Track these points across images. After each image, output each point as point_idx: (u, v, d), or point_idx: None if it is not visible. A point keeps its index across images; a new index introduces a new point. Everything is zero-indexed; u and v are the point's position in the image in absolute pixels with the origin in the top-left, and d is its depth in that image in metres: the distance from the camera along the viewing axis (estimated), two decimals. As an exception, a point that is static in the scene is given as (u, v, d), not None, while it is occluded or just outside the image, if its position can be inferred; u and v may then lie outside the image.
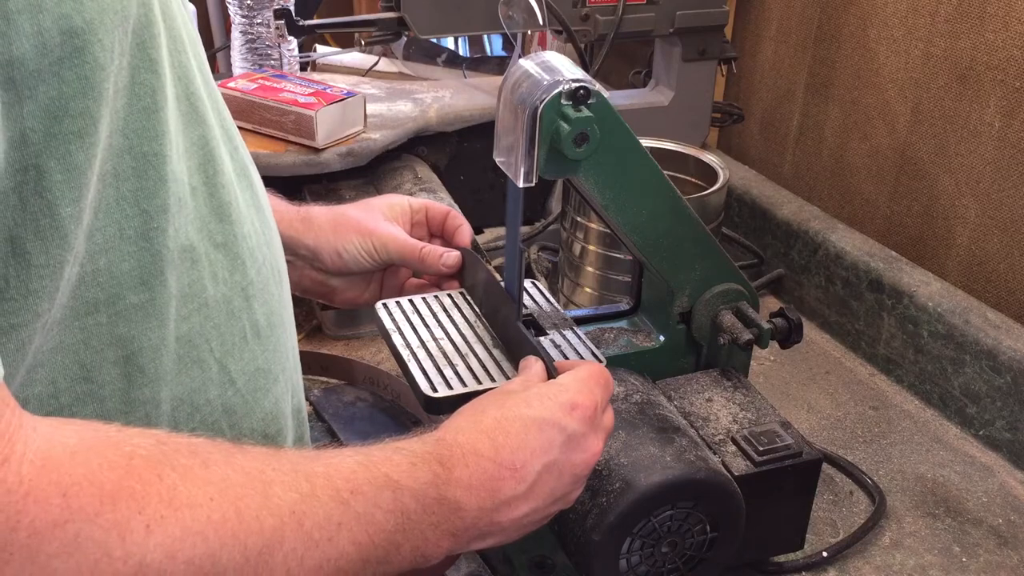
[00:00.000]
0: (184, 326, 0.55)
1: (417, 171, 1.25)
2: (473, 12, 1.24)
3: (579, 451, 0.64)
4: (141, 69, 0.50)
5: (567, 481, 0.64)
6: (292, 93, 1.20)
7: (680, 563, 0.76)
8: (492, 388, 0.73)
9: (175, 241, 0.53)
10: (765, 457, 0.77)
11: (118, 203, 0.50)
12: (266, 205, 0.65)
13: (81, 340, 0.50)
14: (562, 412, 0.63)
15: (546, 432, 0.62)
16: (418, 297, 0.84)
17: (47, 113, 0.45)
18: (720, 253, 0.84)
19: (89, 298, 0.50)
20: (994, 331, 1.03)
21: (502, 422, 0.61)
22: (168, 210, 0.52)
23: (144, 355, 0.53)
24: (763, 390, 0.91)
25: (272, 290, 0.63)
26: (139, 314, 0.52)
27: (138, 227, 0.51)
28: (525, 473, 0.60)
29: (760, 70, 1.48)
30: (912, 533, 0.91)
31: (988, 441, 1.03)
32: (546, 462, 0.62)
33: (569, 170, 0.74)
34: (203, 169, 0.56)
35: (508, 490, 0.60)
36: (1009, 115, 1.09)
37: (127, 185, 0.50)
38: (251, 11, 1.37)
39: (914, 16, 1.19)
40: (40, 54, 0.44)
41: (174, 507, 0.45)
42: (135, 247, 0.51)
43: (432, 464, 0.57)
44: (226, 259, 0.58)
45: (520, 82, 0.73)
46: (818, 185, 1.40)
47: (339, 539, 0.52)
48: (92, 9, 0.45)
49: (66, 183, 0.46)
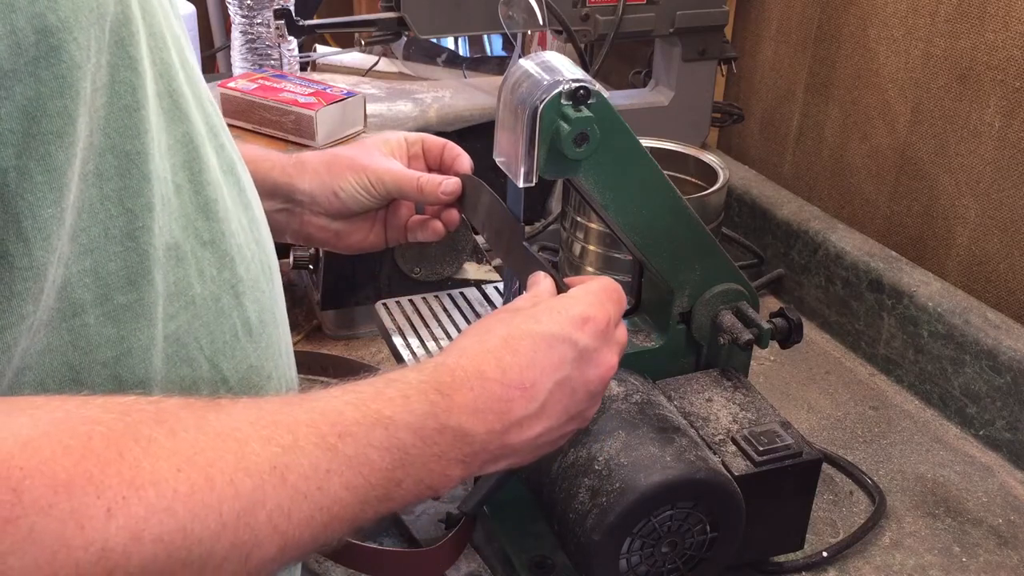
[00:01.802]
0: (171, 325, 0.54)
1: (417, 171, 1.25)
2: (473, 12, 1.24)
3: (592, 366, 0.62)
4: (120, 67, 0.49)
5: (581, 398, 0.62)
6: (292, 93, 1.20)
7: (680, 563, 0.76)
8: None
9: (160, 239, 0.53)
10: (765, 457, 0.77)
11: (102, 203, 0.49)
12: (254, 201, 0.65)
13: (69, 342, 0.50)
14: (573, 327, 0.61)
15: (557, 348, 0.60)
16: (418, 297, 0.84)
17: (24, 114, 0.44)
18: (720, 253, 0.84)
19: (76, 299, 0.49)
20: (994, 331, 1.03)
21: (509, 340, 0.59)
22: (153, 208, 0.52)
23: (134, 355, 0.52)
24: (763, 390, 0.91)
25: (263, 287, 0.63)
26: (128, 314, 0.51)
27: (123, 226, 0.50)
28: (536, 392, 0.59)
29: (760, 70, 1.48)
30: (912, 533, 0.91)
31: (988, 441, 1.03)
32: (558, 379, 0.60)
33: (569, 170, 0.74)
34: (188, 166, 0.56)
35: (519, 410, 0.58)
36: (1009, 115, 1.09)
37: (110, 184, 0.49)
38: (251, 11, 1.37)
39: (914, 16, 1.19)
40: (14, 54, 0.43)
41: (136, 486, 0.43)
42: (121, 247, 0.50)
43: (429, 393, 0.55)
44: (213, 257, 0.57)
45: (520, 82, 0.73)
46: (818, 185, 1.40)
47: (329, 486, 0.50)
48: (66, 7, 0.45)
49: (47, 184, 0.46)
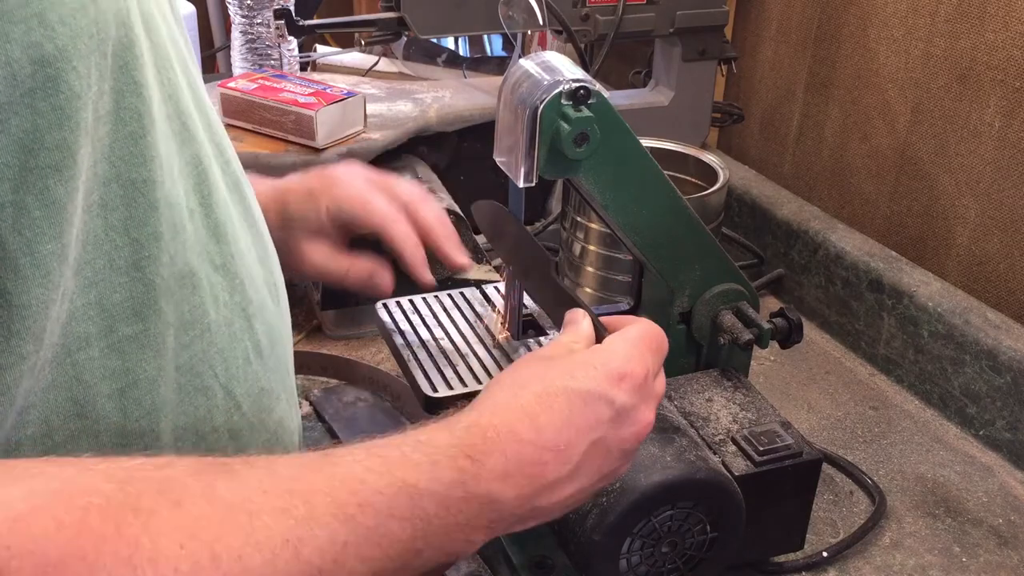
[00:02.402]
0: (185, 354, 0.53)
1: (417, 171, 1.25)
2: (473, 12, 1.24)
3: (628, 424, 0.59)
4: (125, 93, 0.47)
5: (615, 457, 0.60)
6: (292, 93, 1.19)
7: (680, 563, 0.76)
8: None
9: (170, 269, 0.51)
10: (765, 457, 0.77)
11: (107, 234, 0.48)
12: (259, 217, 0.63)
13: (73, 376, 0.48)
14: (610, 383, 0.58)
15: (592, 407, 0.57)
16: (418, 297, 0.84)
17: (21, 147, 0.42)
18: (720, 253, 0.84)
19: (81, 333, 0.48)
20: (994, 331, 1.03)
21: (544, 397, 0.57)
22: (160, 237, 0.50)
23: (140, 387, 0.51)
24: (763, 390, 0.91)
25: (270, 307, 0.61)
26: (133, 345, 0.50)
27: (128, 257, 0.49)
28: (570, 453, 0.56)
29: (760, 70, 1.48)
30: (912, 533, 0.91)
31: (988, 441, 1.03)
32: (593, 439, 0.57)
33: (569, 170, 0.74)
34: (198, 189, 0.54)
35: (551, 473, 0.56)
36: (1009, 115, 1.09)
37: (116, 215, 0.48)
38: (251, 11, 1.37)
39: (914, 16, 1.19)
40: (10, 86, 0.41)
41: (133, 565, 0.41)
42: (127, 277, 0.49)
43: (458, 459, 0.53)
44: (225, 280, 0.56)
45: (520, 82, 0.73)
46: (818, 185, 1.40)
47: (346, 559, 0.48)
48: (64, 35, 0.43)
49: (45, 219, 0.44)
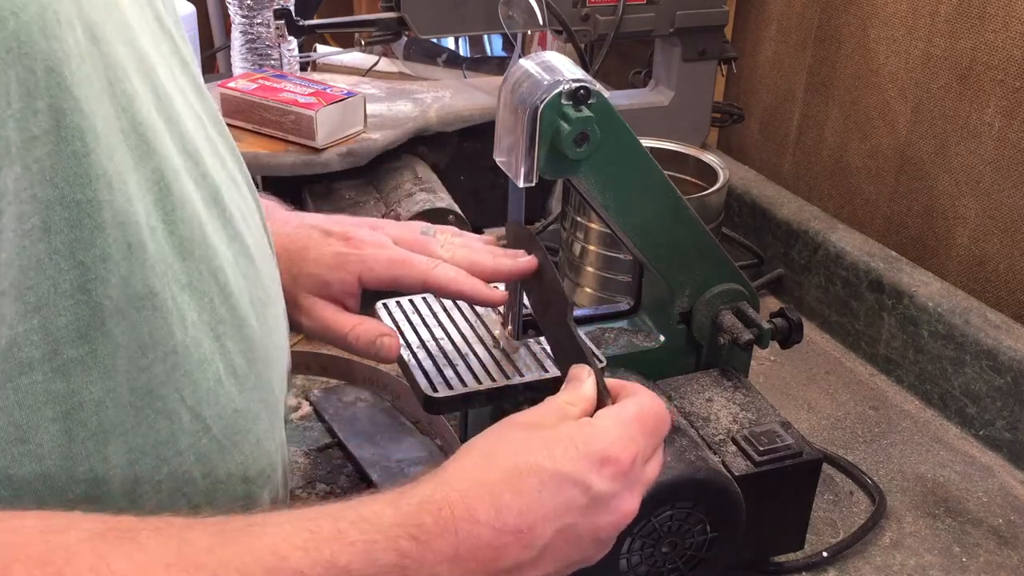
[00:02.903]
0: (143, 377, 0.51)
1: (417, 171, 1.25)
2: (473, 12, 1.24)
3: (604, 513, 0.56)
4: (66, 111, 0.44)
5: (587, 545, 0.56)
6: (292, 93, 1.19)
7: (680, 563, 0.76)
8: (493, 387, 0.73)
9: (121, 290, 0.48)
10: (765, 457, 0.77)
11: (51, 258, 0.45)
12: (246, 231, 0.59)
13: (15, 401, 0.46)
14: (589, 467, 0.55)
15: (565, 491, 0.54)
16: (418, 297, 0.84)
17: None
18: (720, 253, 0.84)
19: (23, 358, 0.46)
20: (994, 331, 1.03)
21: (514, 476, 0.54)
22: (109, 258, 0.48)
23: (85, 409, 0.49)
24: (763, 390, 0.91)
25: (252, 324, 0.57)
26: (77, 368, 0.48)
27: (74, 280, 0.46)
28: (533, 537, 0.53)
29: (760, 70, 1.48)
30: (912, 533, 0.91)
31: (988, 441, 1.03)
32: (560, 526, 0.54)
33: (569, 170, 0.74)
34: (159, 205, 0.51)
35: (510, 557, 0.53)
36: (1009, 115, 1.09)
37: (59, 238, 0.45)
38: (251, 11, 1.37)
39: (914, 16, 1.19)
40: None
41: None
42: (71, 301, 0.47)
43: (400, 540, 0.50)
44: (192, 300, 0.53)
45: (520, 82, 0.73)
46: (818, 185, 1.40)
47: None
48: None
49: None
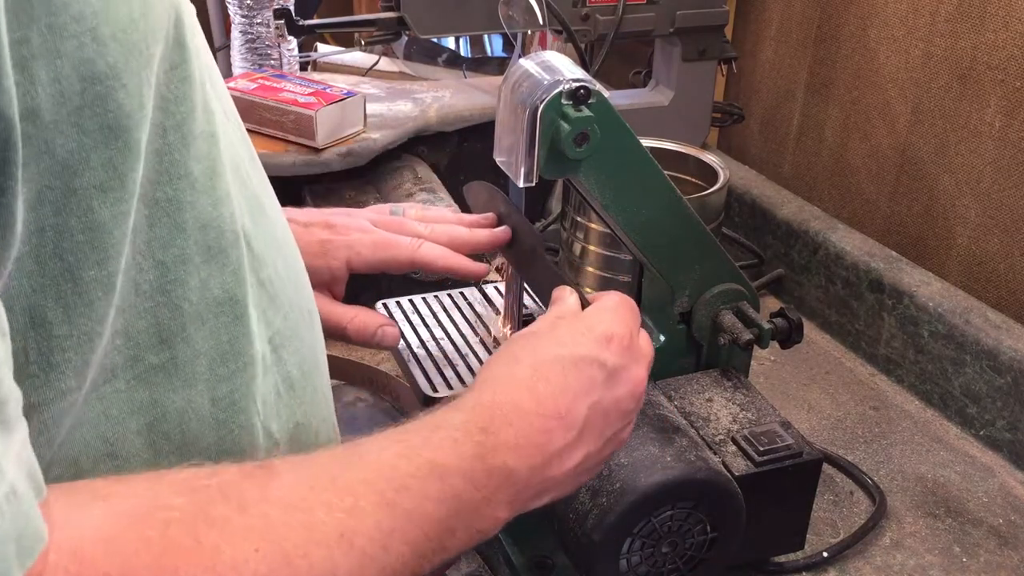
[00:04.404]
0: (224, 387, 0.51)
1: (417, 171, 1.25)
2: (473, 12, 1.24)
3: (622, 384, 0.61)
4: (169, 110, 0.45)
5: (615, 418, 0.61)
6: (292, 93, 1.19)
7: (680, 563, 0.76)
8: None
9: (200, 294, 0.49)
10: (765, 457, 0.77)
11: (133, 257, 0.45)
12: (285, 238, 0.59)
13: (101, 411, 0.46)
14: (598, 347, 0.60)
15: (585, 370, 0.59)
16: (418, 297, 0.84)
17: (65, 167, 0.40)
18: (720, 253, 0.84)
19: (108, 364, 0.46)
20: (994, 331, 1.03)
21: (539, 368, 0.58)
22: (189, 260, 0.48)
23: (169, 420, 0.49)
24: (763, 390, 0.91)
25: (303, 335, 0.58)
26: (159, 375, 0.48)
27: (154, 280, 0.47)
28: (572, 419, 0.57)
29: (760, 70, 1.48)
30: (912, 533, 0.91)
31: (988, 441, 1.03)
32: (591, 402, 0.58)
33: (569, 170, 0.74)
34: (248, 213, 0.52)
35: (558, 440, 0.57)
36: (1009, 115, 1.09)
37: (140, 236, 0.45)
38: (251, 11, 1.37)
39: (914, 16, 1.19)
40: (57, 103, 0.39)
41: (217, 573, 0.42)
42: (151, 302, 0.47)
43: (475, 434, 0.54)
44: (257, 311, 0.53)
45: (520, 82, 0.73)
46: (818, 185, 1.40)
47: (392, 544, 0.49)
48: (116, 51, 0.41)
49: (88, 244, 0.42)
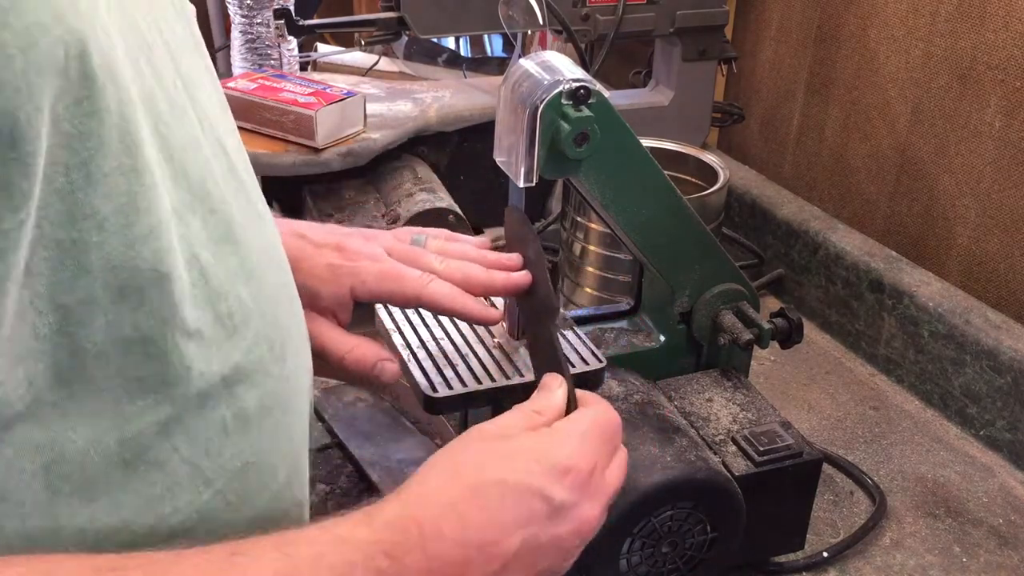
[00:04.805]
0: (131, 426, 0.48)
1: (417, 171, 1.25)
2: (473, 12, 1.24)
3: (567, 522, 0.56)
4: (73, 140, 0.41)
5: (551, 555, 0.56)
6: (292, 93, 1.19)
7: (680, 563, 0.76)
8: (493, 388, 0.73)
9: (105, 334, 0.45)
10: (765, 457, 0.77)
11: (32, 302, 0.42)
12: (265, 264, 0.56)
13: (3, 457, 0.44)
14: (550, 479, 0.55)
15: (527, 502, 0.55)
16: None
17: None
18: (720, 253, 0.84)
19: (10, 414, 0.43)
20: (995, 331, 1.03)
21: (477, 489, 0.54)
22: (94, 302, 0.44)
23: (68, 461, 0.46)
24: (763, 390, 0.91)
25: (269, 369, 0.54)
26: (55, 414, 0.45)
27: (53, 324, 0.43)
28: (498, 551, 0.53)
29: (760, 70, 1.48)
30: (912, 533, 0.91)
31: (989, 441, 1.03)
32: (526, 536, 0.54)
33: (569, 170, 0.74)
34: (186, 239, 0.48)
35: (475, 572, 0.53)
36: (1009, 115, 1.09)
37: (40, 280, 0.42)
38: (251, 11, 1.37)
39: (914, 16, 1.19)
40: None
41: None
42: (49, 344, 0.44)
43: (377, 559, 0.50)
44: (197, 347, 0.50)
45: (520, 82, 0.73)
46: (818, 185, 1.40)
47: None
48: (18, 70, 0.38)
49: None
